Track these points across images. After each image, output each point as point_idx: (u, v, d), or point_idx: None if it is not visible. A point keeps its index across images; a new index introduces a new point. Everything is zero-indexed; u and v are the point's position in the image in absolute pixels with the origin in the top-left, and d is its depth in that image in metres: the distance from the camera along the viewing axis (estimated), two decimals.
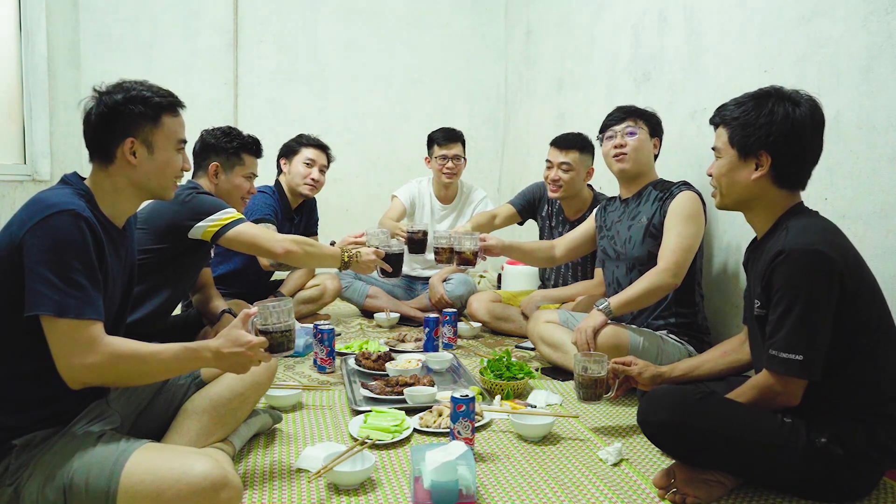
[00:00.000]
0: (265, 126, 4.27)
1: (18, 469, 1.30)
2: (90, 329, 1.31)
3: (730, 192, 1.67)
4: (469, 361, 2.72)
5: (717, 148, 1.68)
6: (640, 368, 1.91)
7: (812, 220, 1.58)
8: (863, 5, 1.90)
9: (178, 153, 1.57)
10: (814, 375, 1.48)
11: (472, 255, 2.53)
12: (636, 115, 2.46)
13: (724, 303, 2.53)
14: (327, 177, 3.35)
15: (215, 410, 1.62)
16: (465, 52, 5.04)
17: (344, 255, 2.38)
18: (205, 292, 2.56)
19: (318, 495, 1.56)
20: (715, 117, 1.71)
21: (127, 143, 1.47)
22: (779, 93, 1.60)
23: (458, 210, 3.70)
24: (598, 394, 1.90)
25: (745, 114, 1.61)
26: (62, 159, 3.99)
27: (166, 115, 1.52)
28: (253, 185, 2.58)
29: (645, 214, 2.43)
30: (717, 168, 1.68)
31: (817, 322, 1.46)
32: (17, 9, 3.64)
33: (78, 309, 1.29)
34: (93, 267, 1.34)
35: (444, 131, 3.56)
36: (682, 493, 1.54)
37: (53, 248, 1.30)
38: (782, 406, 1.54)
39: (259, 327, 1.52)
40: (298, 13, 4.73)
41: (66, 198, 1.37)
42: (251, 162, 2.54)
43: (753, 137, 1.59)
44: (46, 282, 1.28)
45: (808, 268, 1.46)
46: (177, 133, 1.55)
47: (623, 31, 3.27)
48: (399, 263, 2.54)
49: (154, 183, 1.53)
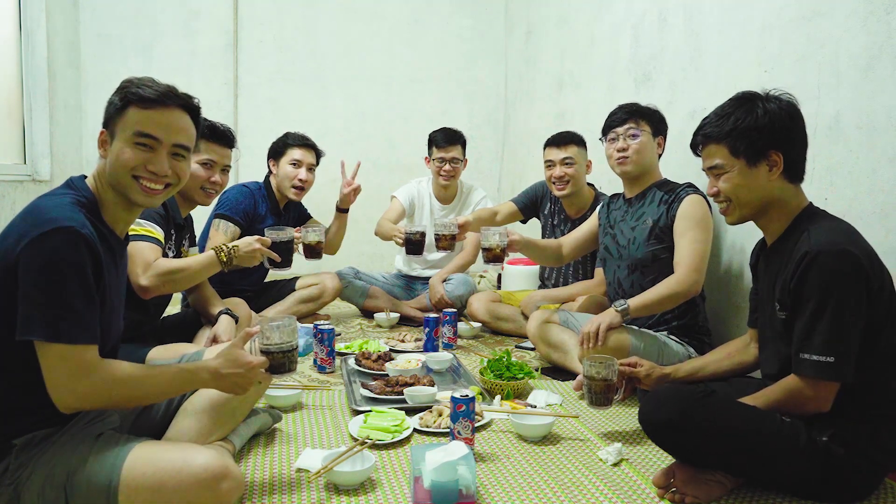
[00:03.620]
0: (265, 126, 4.27)
1: (18, 469, 1.30)
2: (84, 354, 1.27)
3: (749, 202, 1.64)
4: (469, 361, 2.72)
5: (718, 165, 1.65)
6: (646, 370, 1.91)
7: (831, 221, 1.58)
8: (863, 5, 1.90)
9: (134, 147, 1.41)
10: (846, 377, 1.46)
11: (500, 250, 2.41)
12: (638, 115, 2.45)
13: (725, 304, 2.53)
14: (327, 177, 3.33)
15: (214, 410, 1.61)
16: (465, 52, 5.04)
17: (220, 254, 2.20)
18: (200, 291, 2.52)
19: (318, 495, 1.56)
20: (700, 138, 1.69)
21: (100, 135, 1.45)
22: (755, 94, 1.62)
23: (457, 210, 3.70)
24: (610, 398, 1.86)
25: (740, 122, 1.59)
26: (62, 159, 3.99)
27: (133, 107, 1.41)
28: (219, 175, 2.43)
29: (650, 216, 2.42)
30: (729, 182, 1.64)
31: (849, 323, 1.45)
32: (17, 9, 3.64)
33: (71, 334, 1.25)
34: (89, 288, 1.29)
35: (443, 133, 3.55)
36: (682, 493, 1.54)
37: (48, 269, 1.24)
38: (812, 412, 1.51)
39: (260, 347, 1.48)
40: (298, 13, 4.73)
41: (66, 211, 1.31)
42: (208, 148, 2.39)
43: (761, 140, 1.58)
44: (39, 305, 1.23)
45: (838, 268, 1.45)
46: (137, 125, 1.41)
47: (623, 30, 3.27)
48: (289, 253, 2.36)
49: (113, 179, 1.42)
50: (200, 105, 1.54)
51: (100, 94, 4.30)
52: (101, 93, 4.58)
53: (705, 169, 1.70)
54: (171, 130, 1.45)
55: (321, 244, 2.58)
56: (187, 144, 1.49)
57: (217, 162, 2.43)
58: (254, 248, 2.23)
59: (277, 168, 3.17)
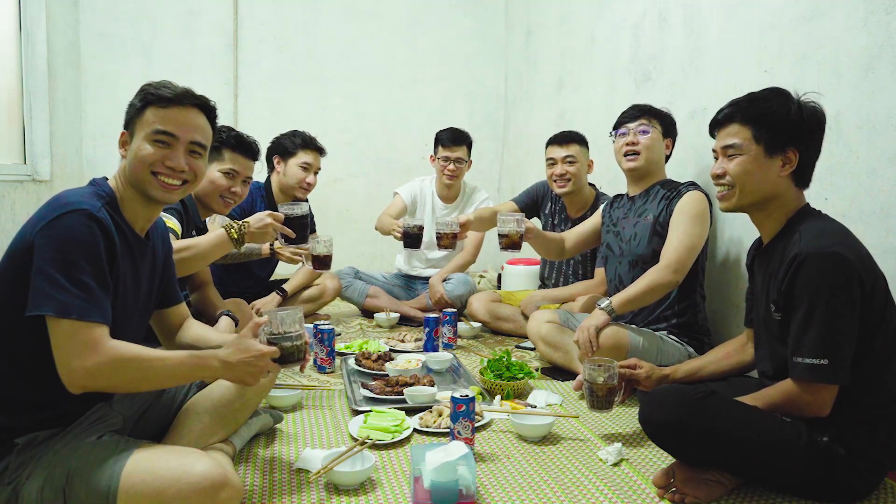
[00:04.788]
0: (265, 126, 4.24)
1: (18, 468, 1.30)
2: (93, 331, 1.28)
3: (753, 191, 1.62)
4: (469, 361, 2.72)
5: (735, 145, 1.62)
6: (646, 372, 1.90)
7: (824, 222, 1.58)
8: (863, 5, 1.90)
9: (152, 144, 1.45)
10: (843, 379, 1.46)
11: (518, 237, 2.38)
12: (651, 114, 2.47)
13: (725, 303, 2.53)
14: (327, 176, 3.33)
15: (217, 411, 1.61)
16: (465, 52, 5.04)
17: (231, 231, 2.13)
18: (203, 291, 2.53)
19: (318, 495, 1.56)
20: (724, 115, 1.65)
21: (121, 136, 1.49)
22: (789, 93, 1.61)
23: (459, 209, 3.70)
24: (611, 401, 1.85)
25: (772, 110, 1.58)
26: (62, 159, 3.99)
27: (152, 107, 1.46)
28: (240, 186, 2.45)
29: (651, 212, 2.43)
30: (740, 166, 1.61)
31: (842, 324, 1.45)
32: (17, 9, 3.64)
33: (82, 310, 1.27)
34: (102, 268, 1.32)
35: (450, 133, 3.55)
36: (682, 493, 1.54)
37: (61, 247, 1.28)
38: (812, 416, 1.51)
39: (269, 337, 1.47)
40: (298, 13, 4.73)
41: (83, 197, 1.35)
42: (233, 158, 2.40)
43: (786, 134, 1.58)
44: (51, 281, 1.26)
45: (828, 270, 1.45)
46: (155, 123, 1.45)
47: (623, 31, 3.27)
48: (304, 228, 2.29)
49: (133, 178, 1.45)
50: (216, 106, 1.59)
51: (100, 94, 4.35)
52: (101, 93, 4.61)
53: (718, 148, 1.67)
54: (187, 128, 1.49)
55: (330, 256, 2.59)
56: (203, 142, 1.53)
57: (240, 173, 2.44)
58: (265, 224, 2.17)
59: (284, 167, 3.15)
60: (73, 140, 4.21)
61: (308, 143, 3.16)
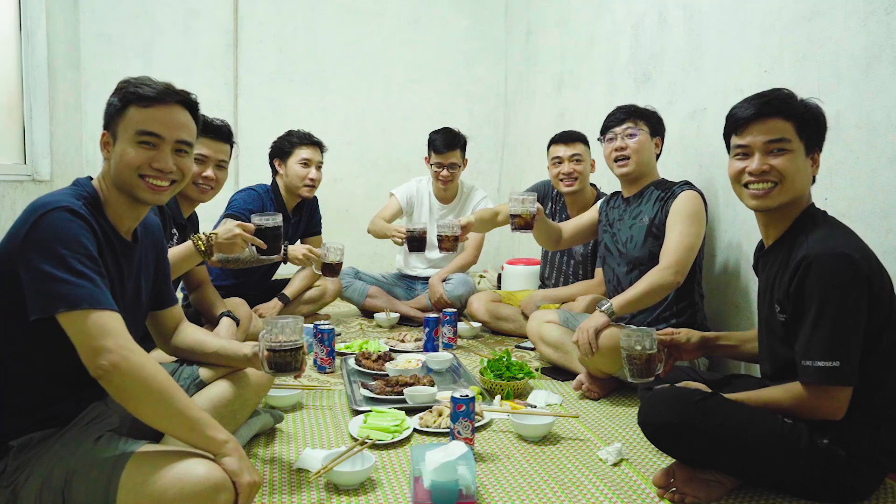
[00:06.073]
0: (265, 126, 4.27)
1: (16, 471, 1.29)
2: (106, 317, 1.26)
3: (796, 189, 1.57)
4: (469, 361, 2.72)
5: (784, 140, 1.55)
6: (686, 334, 1.90)
7: (829, 224, 1.57)
8: (863, 5, 1.90)
9: (138, 146, 1.41)
10: (853, 381, 1.44)
11: (531, 217, 2.34)
12: (636, 115, 2.46)
13: (724, 303, 2.53)
14: (327, 177, 3.33)
15: (215, 411, 1.60)
16: (465, 52, 5.04)
17: (198, 242, 2.07)
18: (201, 291, 2.51)
19: (318, 495, 1.56)
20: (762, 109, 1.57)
21: (102, 137, 1.45)
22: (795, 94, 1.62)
23: (457, 210, 3.69)
24: (652, 370, 1.80)
25: (812, 111, 1.58)
26: (62, 159, 3.99)
27: (133, 106, 1.41)
28: (213, 170, 2.37)
29: (647, 214, 2.43)
30: (790, 161, 1.55)
31: (850, 326, 1.44)
32: (17, 9, 3.64)
33: (90, 298, 1.25)
34: (95, 259, 1.30)
35: (443, 137, 3.50)
36: (682, 493, 1.54)
37: (51, 244, 1.26)
38: (823, 419, 1.48)
39: (268, 345, 1.47)
40: (298, 13, 4.73)
41: (61, 196, 1.33)
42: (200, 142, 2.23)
43: (820, 134, 1.59)
44: (52, 278, 1.24)
45: (837, 271, 1.44)
46: (139, 124, 1.41)
47: (623, 31, 3.27)
48: (276, 240, 2.20)
49: (118, 180, 1.42)
50: (198, 101, 1.55)
51: (100, 94, 4.33)
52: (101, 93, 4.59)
53: (758, 143, 1.57)
54: (172, 127, 1.45)
55: (340, 264, 2.56)
56: (189, 140, 1.50)
57: (210, 157, 2.38)
58: (234, 234, 2.10)
59: (285, 168, 3.14)
60: (73, 140, 4.21)
61: (304, 138, 3.15)
